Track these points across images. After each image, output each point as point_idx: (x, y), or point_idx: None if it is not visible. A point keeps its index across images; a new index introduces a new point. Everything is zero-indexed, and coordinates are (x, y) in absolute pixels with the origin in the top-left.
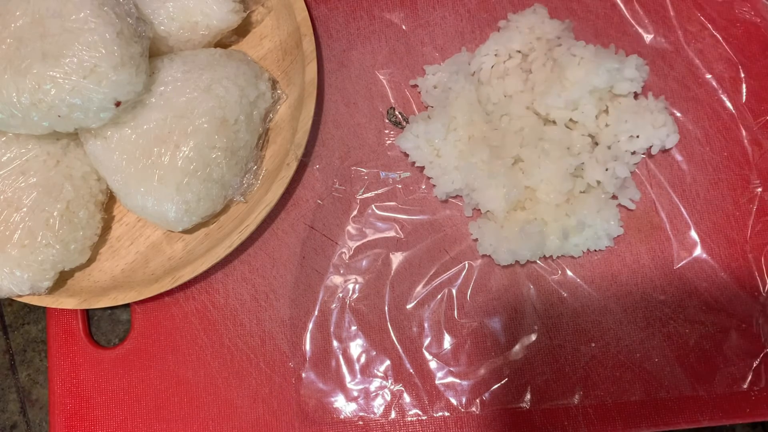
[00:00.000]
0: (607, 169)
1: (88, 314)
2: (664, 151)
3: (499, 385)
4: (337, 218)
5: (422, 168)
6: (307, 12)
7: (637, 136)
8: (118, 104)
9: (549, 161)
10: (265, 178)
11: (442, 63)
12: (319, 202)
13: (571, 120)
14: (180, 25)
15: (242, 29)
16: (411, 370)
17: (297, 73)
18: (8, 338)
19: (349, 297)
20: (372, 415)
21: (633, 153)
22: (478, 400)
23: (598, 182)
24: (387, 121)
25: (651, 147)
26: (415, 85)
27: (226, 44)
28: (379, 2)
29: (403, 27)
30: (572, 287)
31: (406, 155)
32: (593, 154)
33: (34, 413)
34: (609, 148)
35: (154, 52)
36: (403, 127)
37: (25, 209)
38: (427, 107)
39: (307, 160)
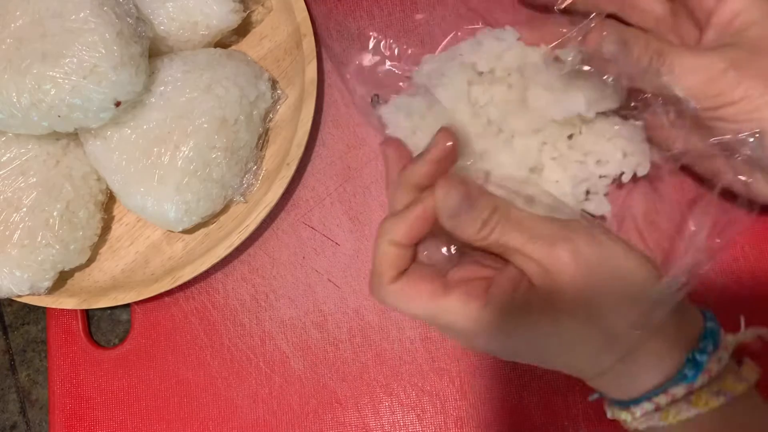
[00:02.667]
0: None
1: (87, 314)
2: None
3: (499, 384)
4: (337, 218)
5: None
6: (307, 12)
7: (607, 161)
8: (118, 104)
9: (511, 154)
10: (265, 178)
11: (437, 53)
12: (320, 202)
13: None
14: (180, 25)
15: (242, 29)
16: (409, 373)
17: (297, 73)
18: (8, 338)
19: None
20: (372, 417)
21: (601, 176)
22: (477, 400)
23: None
24: (372, 107)
25: (622, 174)
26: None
27: (226, 44)
28: (379, 2)
29: (404, 27)
30: None
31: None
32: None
33: (34, 413)
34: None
35: (154, 52)
36: None
37: (24, 209)
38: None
39: (307, 160)
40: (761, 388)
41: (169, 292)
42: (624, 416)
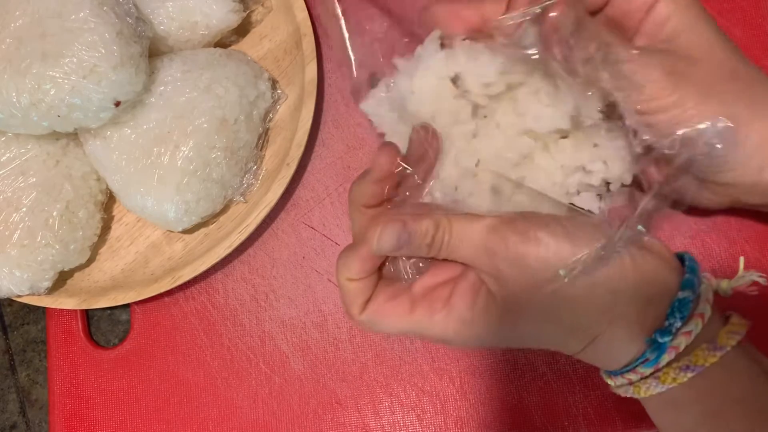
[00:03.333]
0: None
1: (87, 314)
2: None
3: (499, 385)
4: (337, 218)
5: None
6: (307, 12)
7: (590, 171)
8: (117, 104)
9: (502, 138)
10: (265, 178)
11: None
12: (320, 202)
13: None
14: (180, 24)
15: (242, 29)
16: (409, 373)
17: (297, 72)
18: (8, 338)
19: None
20: (372, 417)
21: (590, 185)
22: (477, 400)
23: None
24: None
25: (609, 183)
26: None
27: (226, 44)
28: (379, 2)
29: (404, 26)
30: None
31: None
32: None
33: (34, 413)
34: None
35: (153, 51)
36: None
37: (24, 209)
38: None
39: (307, 160)
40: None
41: (168, 293)
42: (609, 382)
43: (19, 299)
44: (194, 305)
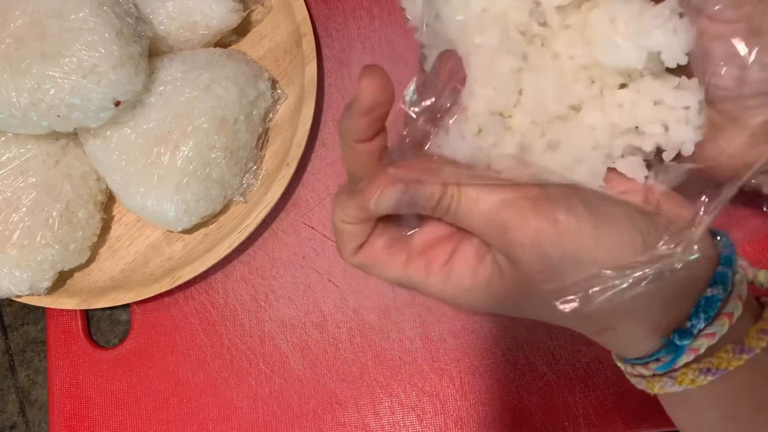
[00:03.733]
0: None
1: (87, 315)
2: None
3: (499, 385)
4: None
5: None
6: (307, 12)
7: (643, 132)
8: (117, 104)
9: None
10: (264, 178)
11: None
12: (320, 201)
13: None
14: (179, 24)
15: (242, 29)
16: (409, 373)
17: (297, 72)
18: (7, 338)
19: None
20: (372, 417)
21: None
22: (477, 400)
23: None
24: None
25: (663, 152)
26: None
27: (226, 44)
28: (380, 2)
29: (404, 26)
30: None
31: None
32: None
33: (33, 413)
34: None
35: (153, 51)
36: None
37: (24, 209)
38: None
39: (307, 160)
40: None
41: (168, 293)
42: (619, 364)
43: (18, 299)
44: (194, 305)
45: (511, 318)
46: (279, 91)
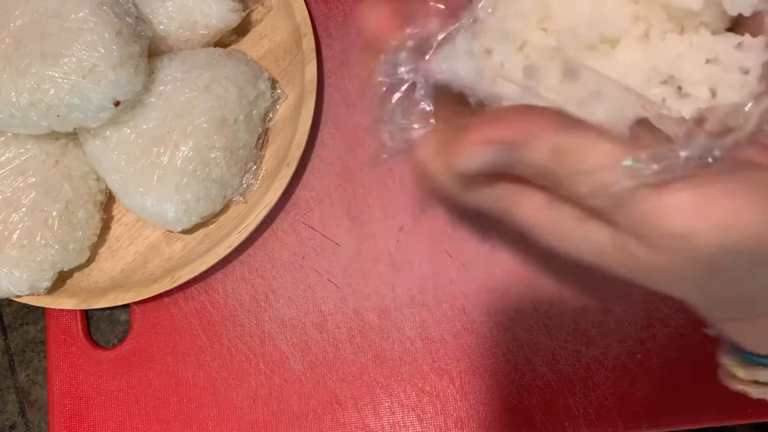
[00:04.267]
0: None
1: (87, 315)
2: None
3: (499, 385)
4: (337, 218)
5: None
6: (307, 12)
7: (687, 94)
8: (117, 104)
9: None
10: (264, 178)
11: None
12: (320, 202)
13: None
14: (179, 24)
15: (242, 28)
16: (409, 373)
17: (297, 72)
18: (7, 339)
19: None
20: (372, 417)
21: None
22: (477, 400)
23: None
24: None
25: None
26: None
27: (226, 44)
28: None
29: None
30: (573, 287)
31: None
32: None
33: (33, 414)
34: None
35: (153, 51)
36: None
37: (23, 209)
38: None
39: (306, 160)
40: None
41: (168, 293)
42: (739, 373)
43: (18, 299)
44: (194, 305)
45: (511, 318)
46: (279, 91)
